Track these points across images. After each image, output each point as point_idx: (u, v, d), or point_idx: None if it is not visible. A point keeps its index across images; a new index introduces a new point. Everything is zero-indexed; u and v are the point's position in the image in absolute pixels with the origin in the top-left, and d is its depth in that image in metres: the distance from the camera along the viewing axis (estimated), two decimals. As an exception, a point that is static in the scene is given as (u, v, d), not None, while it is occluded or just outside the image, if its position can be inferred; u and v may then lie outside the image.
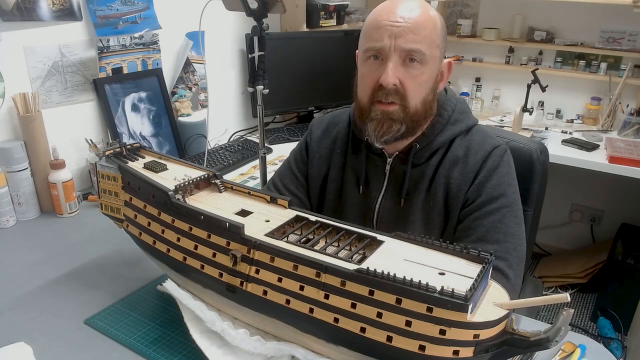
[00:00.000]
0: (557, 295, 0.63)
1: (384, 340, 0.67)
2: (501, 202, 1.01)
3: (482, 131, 1.09)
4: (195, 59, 1.95)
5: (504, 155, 1.05)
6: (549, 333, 0.64)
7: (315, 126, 1.22)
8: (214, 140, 2.07)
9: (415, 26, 0.94)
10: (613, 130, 2.39)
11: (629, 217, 2.65)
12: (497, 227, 1.00)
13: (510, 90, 2.70)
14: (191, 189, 0.97)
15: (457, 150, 1.05)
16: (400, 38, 0.94)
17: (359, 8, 2.72)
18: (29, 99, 1.42)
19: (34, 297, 1.06)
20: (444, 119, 1.06)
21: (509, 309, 0.67)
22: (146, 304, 1.03)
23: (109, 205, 1.05)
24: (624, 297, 2.28)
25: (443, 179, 1.05)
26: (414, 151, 1.05)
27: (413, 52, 0.95)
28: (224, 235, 0.83)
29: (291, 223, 0.88)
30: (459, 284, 0.66)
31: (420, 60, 0.96)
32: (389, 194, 1.10)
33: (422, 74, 0.97)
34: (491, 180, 1.02)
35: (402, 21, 0.94)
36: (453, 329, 0.63)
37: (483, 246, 0.97)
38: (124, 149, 1.07)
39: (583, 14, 2.45)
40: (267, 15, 1.27)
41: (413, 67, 0.96)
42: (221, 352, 0.83)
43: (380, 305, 0.68)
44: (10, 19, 1.37)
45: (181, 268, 0.89)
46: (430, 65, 0.97)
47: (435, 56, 0.98)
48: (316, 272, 0.73)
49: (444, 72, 1.03)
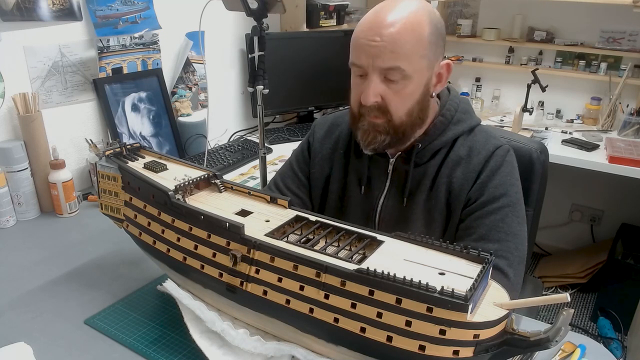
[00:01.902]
0: (557, 295, 0.63)
1: (384, 340, 0.67)
2: (503, 202, 1.01)
3: (485, 131, 1.09)
4: (195, 59, 1.95)
5: (507, 155, 1.05)
6: (549, 333, 0.64)
7: (318, 126, 1.22)
8: (214, 140, 2.07)
9: (393, 43, 0.92)
10: (613, 130, 2.39)
11: (629, 217, 2.65)
12: (498, 227, 1.00)
13: (510, 90, 2.70)
14: (191, 189, 0.97)
15: (460, 150, 1.05)
16: (378, 58, 0.93)
17: (359, 8, 2.72)
18: (29, 99, 1.42)
19: (34, 297, 1.06)
20: (447, 119, 1.06)
21: (509, 309, 0.67)
22: (146, 304, 1.03)
23: (109, 205, 1.05)
24: (624, 297, 2.28)
25: (445, 178, 1.05)
26: (416, 151, 1.05)
27: (392, 70, 0.94)
28: (224, 235, 0.82)
29: (291, 223, 0.88)
30: (459, 284, 0.66)
31: (402, 76, 0.94)
32: (392, 194, 1.10)
33: (404, 88, 0.96)
34: (494, 180, 1.02)
35: (379, 40, 0.92)
36: (453, 329, 0.63)
37: (484, 245, 0.97)
38: (124, 149, 1.07)
39: (583, 14, 2.45)
40: (267, 15, 1.27)
41: (395, 83, 0.95)
42: (221, 352, 0.83)
43: (380, 305, 0.68)
44: (10, 19, 1.37)
45: (181, 268, 0.89)
46: (414, 78, 0.96)
47: (421, 67, 0.96)
48: (316, 272, 0.73)
49: (441, 74, 1.02)
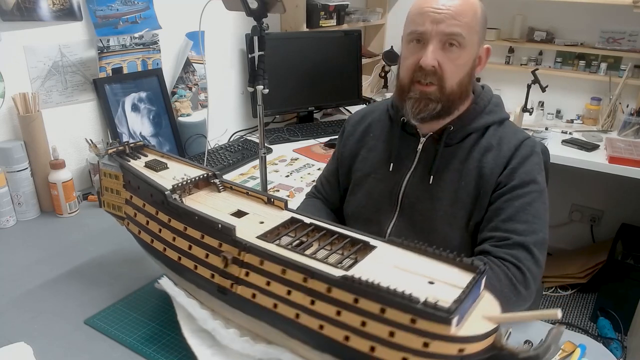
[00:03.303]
0: (548, 311, 0.61)
1: (367, 350, 0.65)
2: (532, 188, 1.06)
3: (513, 125, 1.16)
4: (195, 59, 1.95)
5: (536, 146, 1.11)
6: (538, 350, 0.62)
7: (352, 116, 1.34)
8: (214, 140, 2.07)
9: (456, 13, 1.02)
10: (613, 131, 2.39)
11: (629, 217, 2.65)
12: (526, 209, 1.04)
13: (510, 91, 2.69)
14: (190, 189, 0.97)
15: (491, 139, 1.11)
16: (442, 23, 1.01)
17: (359, 8, 2.72)
18: (29, 99, 1.42)
19: (34, 297, 1.06)
20: (480, 107, 1.13)
21: (498, 323, 0.64)
22: (146, 303, 1.03)
23: (110, 203, 1.05)
24: (624, 297, 2.28)
25: (476, 162, 1.09)
26: (448, 132, 1.11)
27: (453, 35, 1.02)
28: (216, 237, 0.82)
29: (286, 225, 0.87)
30: (447, 295, 0.63)
31: (458, 44, 1.02)
32: (418, 172, 1.15)
33: (459, 57, 1.04)
34: (524, 167, 1.07)
35: (444, 8, 1.02)
36: (437, 342, 0.60)
37: (512, 225, 1.03)
38: (127, 147, 1.07)
39: (583, 14, 2.45)
40: (267, 15, 1.27)
41: (451, 51, 1.03)
42: (210, 353, 0.83)
43: (364, 313, 0.66)
44: (10, 19, 1.37)
45: (176, 267, 0.89)
46: (467, 49, 1.04)
47: (474, 41, 1.05)
48: (303, 277, 0.72)
49: (482, 57, 1.10)
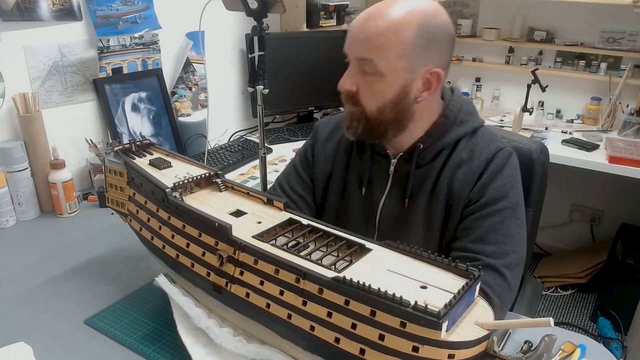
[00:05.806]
0: (540, 320, 0.61)
1: (357, 352, 0.65)
2: (503, 204, 1.01)
3: (487, 133, 1.08)
4: (195, 59, 1.95)
5: (509, 158, 1.05)
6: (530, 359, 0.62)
7: (322, 127, 1.22)
8: (214, 140, 2.07)
9: (370, 36, 0.93)
10: (613, 130, 2.39)
11: (629, 217, 2.65)
12: (497, 229, 0.99)
13: (510, 90, 2.70)
14: (191, 187, 0.97)
15: (462, 153, 1.05)
16: (354, 47, 0.97)
17: (359, 8, 2.72)
18: (29, 99, 1.42)
19: (34, 297, 1.06)
20: (449, 120, 1.05)
21: (489, 330, 0.64)
22: (146, 304, 1.03)
23: (114, 199, 1.06)
24: (624, 297, 2.28)
25: (447, 180, 1.04)
26: (418, 151, 1.05)
27: (363, 60, 0.95)
28: (213, 235, 0.83)
29: (283, 225, 0.87)
30: (438, 299, 0.63)
31: (372, 71, 0.95)
32: (392, 195, 1.09)
33: (375, 83, 0.96)
34: (494, 182, 1.02)
35: (359, 31, 0.95)
36: (426, 347, 0.60)
37: (482, 247, 0.97)
38: (133, 145, 1.08)
39: (583, 14, 2.45)
40: (267, 15, 1.27)
41: (368, 75, 0.96)
42: (204, 352, 0.83)
43: (355, 316, 0.66)
44: (10, 19, 1.37)
45: (174, 265, 0.90)
46: (387, 76, 0.95)
47: (397, 68, 0.95)
48: (296, 278, 0.72)
49: (430, 82, 0.98)
